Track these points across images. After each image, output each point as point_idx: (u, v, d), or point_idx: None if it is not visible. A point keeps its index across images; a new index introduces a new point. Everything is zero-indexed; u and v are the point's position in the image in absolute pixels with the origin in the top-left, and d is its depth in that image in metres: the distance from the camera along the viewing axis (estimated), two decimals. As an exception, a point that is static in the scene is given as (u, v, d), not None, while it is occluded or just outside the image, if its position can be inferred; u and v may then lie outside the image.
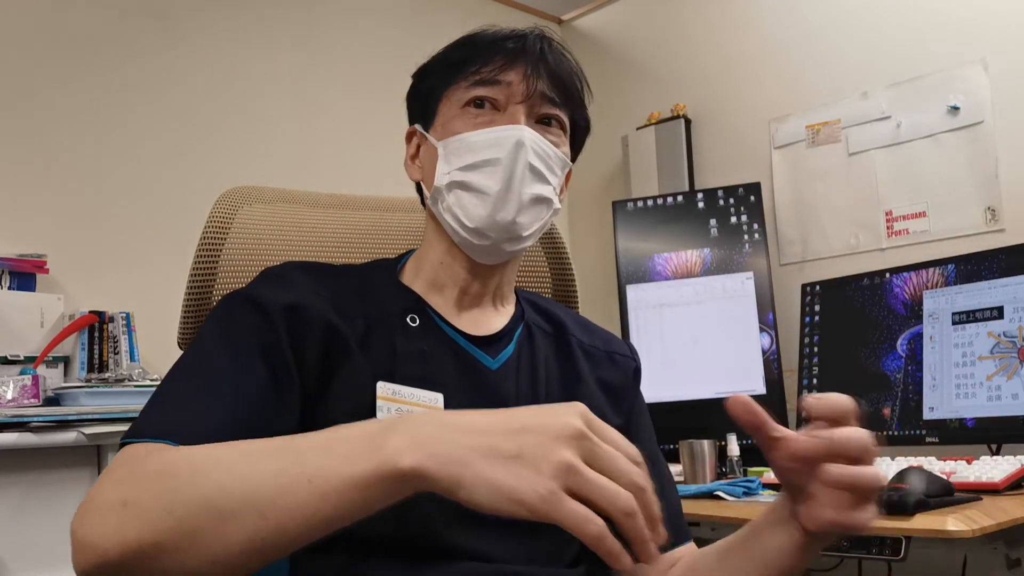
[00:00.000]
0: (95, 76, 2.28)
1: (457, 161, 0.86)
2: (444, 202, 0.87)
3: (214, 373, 0.75)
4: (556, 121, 0.89)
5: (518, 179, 0.84)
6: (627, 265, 2.53)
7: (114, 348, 2.09)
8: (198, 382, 0.75)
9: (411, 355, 0.84)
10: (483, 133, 0.85)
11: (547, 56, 0.88)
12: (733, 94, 2.76)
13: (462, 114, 0.87)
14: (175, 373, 0.77)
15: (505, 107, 0.87)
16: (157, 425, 0.70)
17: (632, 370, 0.99)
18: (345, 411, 0.78)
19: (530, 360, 0.91)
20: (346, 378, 0.80)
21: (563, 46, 0.91)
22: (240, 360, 0.76)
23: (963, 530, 1.21)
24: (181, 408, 0.72)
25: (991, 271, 1.82)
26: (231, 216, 1.00)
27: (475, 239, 0.86)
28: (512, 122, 0.85)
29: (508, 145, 0.84)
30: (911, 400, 1.89)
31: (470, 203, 0.85)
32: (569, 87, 0.90)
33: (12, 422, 1.65)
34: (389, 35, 2.89)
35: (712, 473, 1.96)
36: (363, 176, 2.62)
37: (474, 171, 0.85)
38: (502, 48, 0.87)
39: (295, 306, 0.79)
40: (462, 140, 0.86)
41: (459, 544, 0.76)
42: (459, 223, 0.86)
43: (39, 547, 1.68)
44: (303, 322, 0.79)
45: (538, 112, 0.88)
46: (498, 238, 0.86)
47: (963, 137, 2.25)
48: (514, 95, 0.86)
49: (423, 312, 0.88)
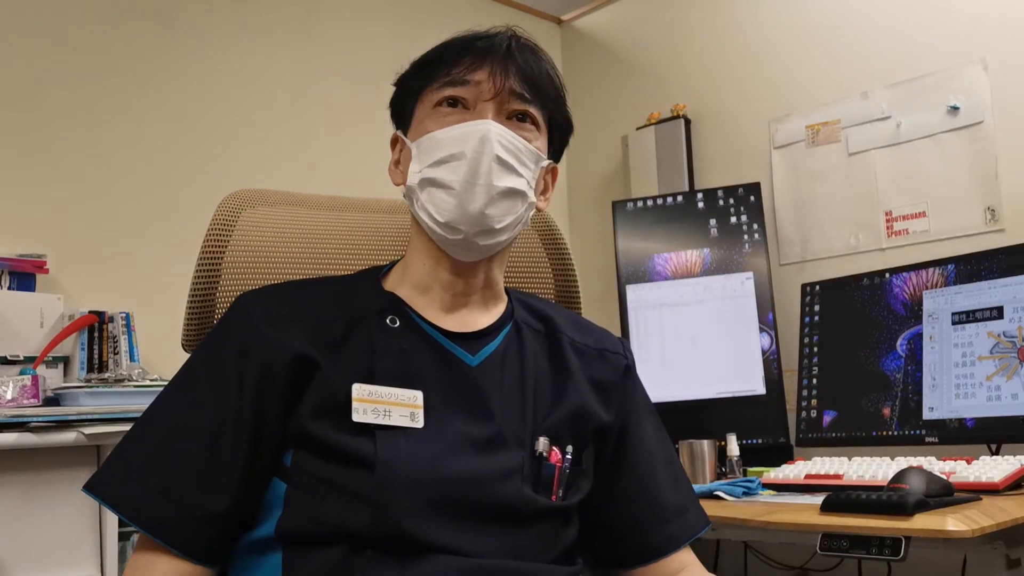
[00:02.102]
0: (96, 76, 2.28)
1: (427, 159, 0.88)
2: (418, 200, 0.89)
3: (170, 431, 0.83)
4: (529, 118, 0.91)
5: (484, 171, 0.86)
6: (627, 265, 2.53)
7: (114, 348, 2.09)
8: (155, 443, 0.83)
9: (390, 353, 0.85)
10: (451, 129, 0.87)
11: (515, 53, 0.89)
12: (733, 94, 2.76)
13: (433, 113, 0.89)
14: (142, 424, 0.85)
15: (474, 105, 0.88)
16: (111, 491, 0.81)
17: (623, 367, 0.99)
18: (313, 414, 0.81)
19: (517, 357, 0.91)
20: (316, 387, 0.82)
21: (534, 44, 0.93)
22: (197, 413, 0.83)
23: (963, 530, 1.21)
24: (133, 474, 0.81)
25: (991, 271, 1.82)
26: (235, 219, 1.00)
27: (448, 233, 0.87)
28: (480, 117, 0.87)
29: (474, 139, 0.86)
30: (911, 400, 1.89)
31: (439, 198, 0.87)
32: (540, 83, 0.91)
33: (12, 422, 1.65)
34: (390, 37, 2.88)
35: (712, 473, 1.96)
36: (365, 178, 2.61)
37: (441, 166, 0.87)
38: (471, 48, 0.89)
39: (263, 363, 0.83)
40: (432, 138, 0.88)
41: (440, 540, 0.77)
42: (431, 219, 0.88)
43: (39, 547, 1.68)
44: (270, 378, 0.83)
45: (508, 108, 0.89)
46: (469, 231, 0.87)
47: (963, 137, 2.25)
48: (483, 93, 0.88)
49: (403, 313, 0.89)
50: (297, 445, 0.82)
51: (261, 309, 0.86)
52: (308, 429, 0.80)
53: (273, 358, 0.83)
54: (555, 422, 0.89)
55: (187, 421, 0.82)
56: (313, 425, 0.80)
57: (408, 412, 0.83)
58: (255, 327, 0.84)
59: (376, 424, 0.81)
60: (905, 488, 1.35)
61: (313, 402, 0.82)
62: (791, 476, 1.73)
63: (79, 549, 1.72)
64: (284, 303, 0.87)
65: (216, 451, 0.80)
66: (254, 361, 0.83)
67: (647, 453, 0.97)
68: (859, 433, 1.97)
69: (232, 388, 0.82)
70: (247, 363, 0.83)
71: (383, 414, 0.81)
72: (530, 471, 0.85)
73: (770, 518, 1.46)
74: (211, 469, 0.80)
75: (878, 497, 1.33)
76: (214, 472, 0.80)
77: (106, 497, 0.81)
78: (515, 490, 0.83)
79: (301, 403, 0.82)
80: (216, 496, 0.80)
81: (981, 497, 1.40)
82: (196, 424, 0.82)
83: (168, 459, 0.81)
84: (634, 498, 0.94)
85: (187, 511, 0.79)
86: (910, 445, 1.85)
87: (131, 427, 0.85)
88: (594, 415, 0.92)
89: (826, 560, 2.27)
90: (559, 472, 0.87)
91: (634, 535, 0.93)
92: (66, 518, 1.71)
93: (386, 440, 0.80)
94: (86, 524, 1.73)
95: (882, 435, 1.92)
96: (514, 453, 0.85)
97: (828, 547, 1.33)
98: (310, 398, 0.82)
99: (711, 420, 2.28)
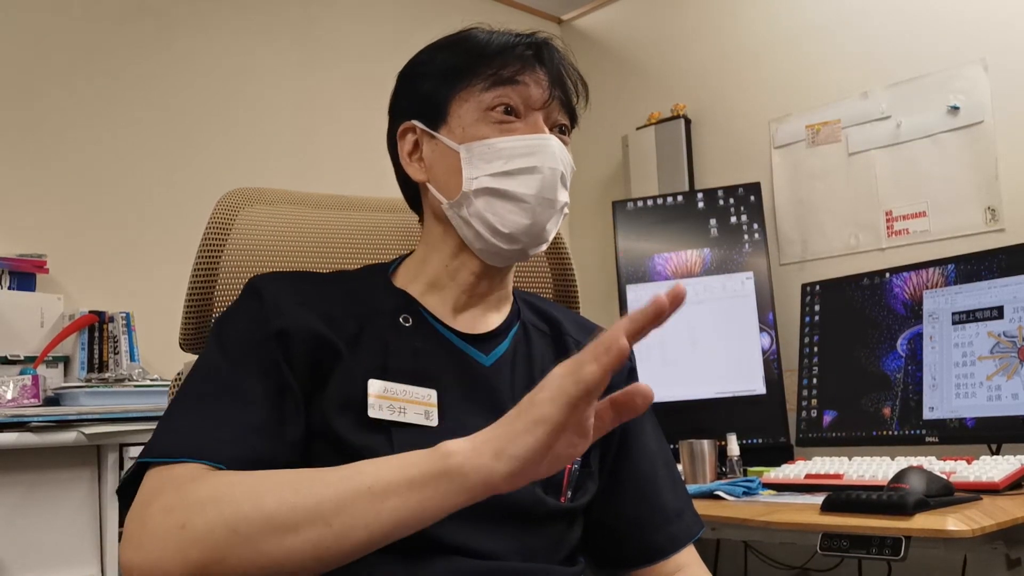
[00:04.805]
0: (95, 76, 2.28)
1: (486, 167, 0.86)
2: (471, 207, 0.87)
3: (222, 389, 0.78)
4: (566, 129, 0.92)
5: (554, 187, 0.86)
6: (627, 265, 2.53)
7: (114, 348, 2.09)
8: (208, 399, 0.77)
9: (404, 352, 0.85)
10: (512, 140, 0.86)
11: (563, 65, 0.90)
12: (733, 94, 2.76)
13: (484, 118, 0.87)
14: (183, 394, 0.79)
15: (523, 113, 0.88)
16: (177, 445, 0.73)
17: (627, 369, 0.99)
18: (337, 406, 0.80)
19: (526, 358, 0.92)
20: (339, 379, 0.81)
21: (570, 52, 0.93)
22: (242, 375, 0.78)
23: (963, 530, 1.21)
24: (196, 426, 0.75)
25: (991, 271, 1.82)
26: (232, 217, 1.00)
27: (504, 244, 0.87)
28: (536, 130, 0.87)
29: (545, 154, 0.86)
30: (911, 400, 1.89)
31: (504, 209, 0.86)
32: (578, 95, 0.92)
33: (12, 422, 1.65)
34: (390, 35, 2.89)
35: (712, 473, 1.96)
36: (364, 177, 2.61)
37: (509, 178, 0.86)
38: (518, 52, 0.88)
39: (282, 331, 0.81)
40: (490, 145, 0.86)
41: (453, 540, 0.77)
42: (489, 228, 0.86)
43: (39, 547, 1.68)
44: (291, 346, 0.81)
45: (554, 119, 0.90)
46: (528, 244, 0.88)
47: (963, 137, 2.25)
48: (533, 101, 0.87)
49: (415, 312, 0.89)
50: (316, 436, 0.80)
51: (278, 288, 0.85)
52: (330, 422, 0.79)
53: (294, 328, 0.81)
54: None
55: (239, 381, 0.78)
56: (334, 419, 0.79)
57: (423, 411, 0.82)
58: (272, 301, 0.83)
59: (391, 421, 0.80)
60: (905, 488, 1.35)
61: (335, 394, 0.80)
62: (791, 476, 1.73)
63: (79, 549, 1.72)
64: (298, 289, 0.86)
65: (277, 405, 0.77)
66: (275, 327, 0.81)
67: (648, 455, 0.97)
68: (859, 433, 1.97)
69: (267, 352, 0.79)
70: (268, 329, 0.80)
71: (398, 411, 0.81)
72: None
73: (770, 518, 1.46)
74: (275, 420, 0.76)
75: (878, 497, 1.33)
76: (279, 424, 0.76)
77: (175, 452, 0.72)
78: (527, 491, 0.83)
79: (325, 390, 0.81)
80: (283, 447, 0.76)
81: (981, 497, 1.40)
82: (249, 382, 0.78)
83: (234, 410, 0.76)
84: (636, 499, 0.94)
85: (263, 457, 0.74)
86: (910, 445, 1.85)
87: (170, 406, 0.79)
88: None
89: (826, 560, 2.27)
90: (568, 474, 0.87)
91: (636, 536, 0.94)
92: (66, 518, 1.71)
93: (403, 439, 0.79)
94: (86, 524, 1.73)
95: (882, 435, 1.92)
96: None
97: (828, 547, 1.33)
98: (332, 389, 0.81)
99: (711, 420, 2.28)
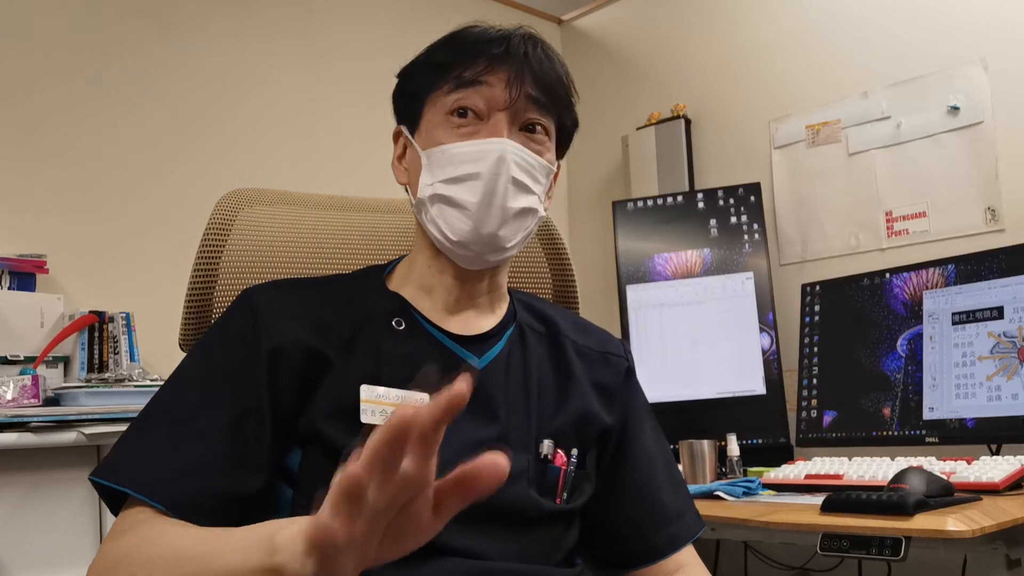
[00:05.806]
0: (95, 76, 2.28)
1: (440, 173, 0.86)
2: (428, 213, 0.88)
3: (187, 416, 0.79)
4: (541, 127, 0.88)
5: (500, 194, 0.84)
6: (627, 265, 2.53)
7: (114, 348, 2.09)
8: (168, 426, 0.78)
9: (396, 357, 0.85)
10: (465, 146, 0.85)
11: (531, 60, 0.86)
12: (733, 94, 2.76)
13: (445, 122, 0.86)
14: (148, 413, 0.80)
15: (488, 115, 0.86)
16: (129, 473, 0.75)
17: (624, 370, 0.99)
18: (329, 413, 0.80)
19: (522, 360, 0.91)
20: (331, 386, 0.81)
21: (549, 47, 0.90)
22: (212, 401, 0.79)
23: (963, 530, 1.21)
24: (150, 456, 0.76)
25: (991, 271, 1.82)
26: (232, 218, 1.00)
27: (459, 250, 0.87)
28: (495, 133, 0.85)
29: (490, 160, 0.84)
30: (911, 400, 1.89)
31: (452, 217, 0.85)
32: (555, 90, 0.88)
33: (12, 422, 1.65)
34: (390, 35, 2.88)
35: (712, 473, 1.96)
36: (364, 177, 2.61)
37: (456, 185, 0.85)
38: (485, 51, 0.86)
39: (273, 351, 0.81)
40: (444, 152, 0.86)
41: (449, 542, 0.77)
42: (442, 235, 0.86)
43: (39, 547, 1.68)
44: (281, 365, 0.81)
45: (522, 119, 0.87)
46: (481, 250, 0.86)
47: (963, 137, 2.25)
48: (496, 102, 0.85)
49: (408, 315, 0.89)
50: (307, 443, 0.80)
51: (270, 301, 0.85)
52: (320, 428, 0.79)
53: (286, 346, 0.81)
54: (560, 425, 0.89)
55: (204, 408, 0.79)
56: (325, 425, 0.79)
57: None
58: (265, 317, 0.83)
59: None
60: (905, 488, 1.35)
61: (326, 401, 0.80)
62: (791, 476, 1.73)
63: (79, 549, 1.72)
64: (291, 300, 0.86)
65: (240, 434, 0.77)
66: (266, 348, 0.81)
67: (647, 456, 0.97)
68: (859, 433, 1.97)
69: (248, 373, 0.80)
70: (259, 349, 0.81)
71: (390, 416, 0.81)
72: (535, 474, 0.85)
73: (770, 518, 1.46)
74: (236, 452, 0.77)
75: (878, 497, 1.33)
76: (240, 455, 0.77)
77: (120, 480, 0.74)
78: (522, 493, 0.83)
79: (314, 399, 0.81)
80: (242, 479, 0.77)
81: (981, 497, 1.40)
82: (214, 410, 0.78)
83: (189, 443, 0.76)
84: (635, 500, 0.94)
85: (213, 491, 0.75)
86: (910, 445, 1.85)
87: (136, 419, 0.80)
88: (598, 418, 0.92)
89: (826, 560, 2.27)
90: (563, 475, 0.87)
91: (635, 536, 0.93)
92: (66, 518, 1.71)
93: None
94: (86, 524, 1.73)
95: (882, 435, 1.92)
96: (519, 456, 0.84)
97: (828, 547, 1.33)
98: (322, 396, 0.81)
99: (711, 420, 2.28)
